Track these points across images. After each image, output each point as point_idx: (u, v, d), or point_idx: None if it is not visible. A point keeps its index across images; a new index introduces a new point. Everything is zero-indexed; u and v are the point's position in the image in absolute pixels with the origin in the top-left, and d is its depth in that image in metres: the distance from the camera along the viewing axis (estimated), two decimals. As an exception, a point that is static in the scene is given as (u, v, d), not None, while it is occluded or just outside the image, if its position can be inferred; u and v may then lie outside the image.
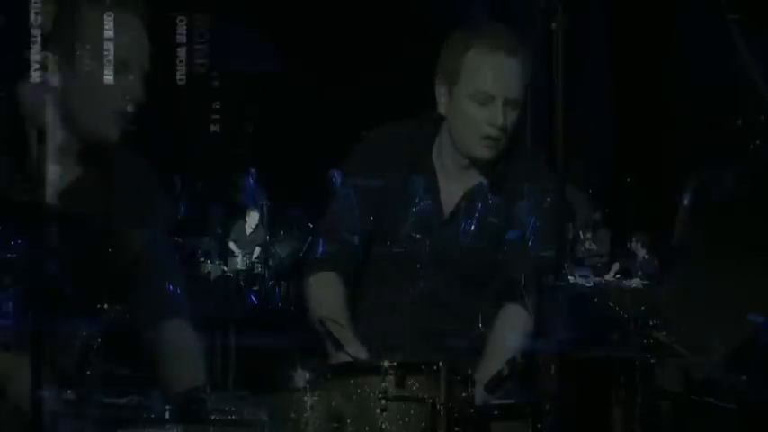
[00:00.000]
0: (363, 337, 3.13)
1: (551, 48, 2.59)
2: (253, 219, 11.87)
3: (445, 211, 3.23)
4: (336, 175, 10.50)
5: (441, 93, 3.22)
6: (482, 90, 3.13)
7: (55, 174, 2.53)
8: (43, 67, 2.53)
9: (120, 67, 2.66)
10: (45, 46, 2.51)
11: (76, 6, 2.71)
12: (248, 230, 11.83)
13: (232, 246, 11.73)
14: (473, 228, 3.20)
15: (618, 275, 10.65)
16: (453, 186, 3.25)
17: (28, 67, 2.55)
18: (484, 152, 3.17)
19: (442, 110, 3.23)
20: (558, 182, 2.67)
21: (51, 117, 2.59)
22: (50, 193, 2.46)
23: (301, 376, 2.61)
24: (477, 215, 3.20)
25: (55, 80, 2.58)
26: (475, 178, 3.23)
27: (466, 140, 3.18)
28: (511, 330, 3.05)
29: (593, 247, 10.95)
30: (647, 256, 10.79)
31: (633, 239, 11.02)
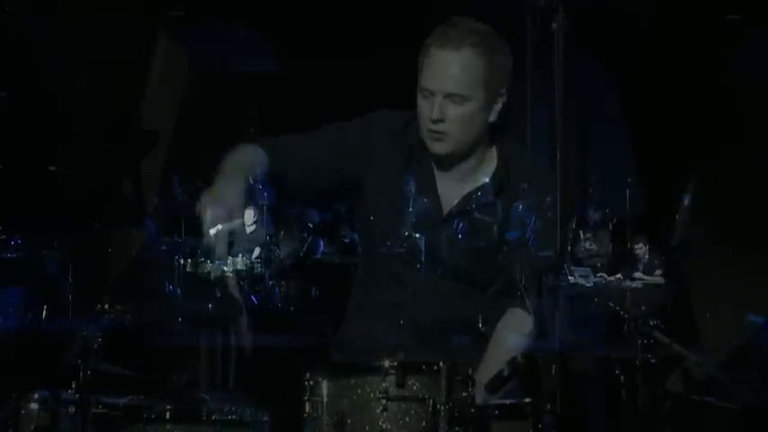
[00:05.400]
0: (363, 335, 3.13)
1: (551, 48, 2.59)
2: (252, 218, 11.84)
3: (444, 209, 3.21)
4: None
5: None
6: (424, 86, 3.15)
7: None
8: None
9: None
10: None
11: None
12: (248, 230, 11.81)
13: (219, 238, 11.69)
14: (470, 228, 3.18)
15: (618, 275, 10.62)
16: (452, 184, 3.23)
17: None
18: (433, 146, 3.17)
19: None
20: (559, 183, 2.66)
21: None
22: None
23: (302, 376, 2.61)
24: (475, 215, 3.18)
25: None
26: (473, 178, 3.22)
27: (423, 135, 3.19)
28: (511, 331, 3.04)
29: (594, 247, 10.93)
30: (647, 256, 10.77)
31: (633, 239, 11.00)
